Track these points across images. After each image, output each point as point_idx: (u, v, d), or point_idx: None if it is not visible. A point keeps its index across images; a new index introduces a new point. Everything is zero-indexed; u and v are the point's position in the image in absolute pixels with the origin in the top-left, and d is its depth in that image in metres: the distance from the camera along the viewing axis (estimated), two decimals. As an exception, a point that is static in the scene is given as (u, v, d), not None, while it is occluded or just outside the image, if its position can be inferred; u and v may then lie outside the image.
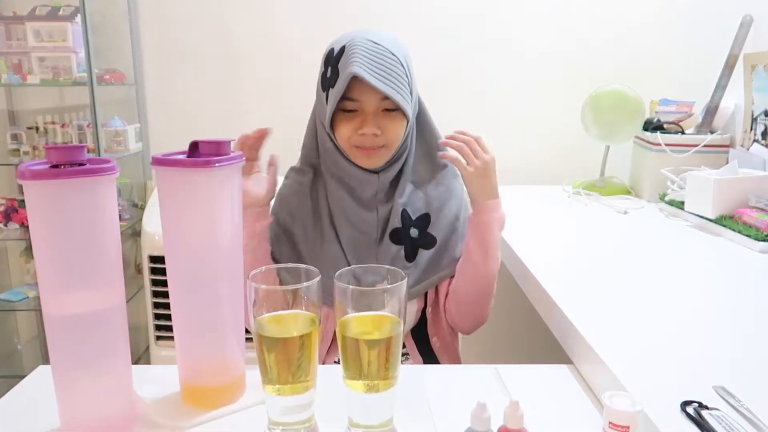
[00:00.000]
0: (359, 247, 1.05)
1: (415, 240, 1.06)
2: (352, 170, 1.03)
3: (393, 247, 1.05)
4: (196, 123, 2.08)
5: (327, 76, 0.98)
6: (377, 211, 1.05)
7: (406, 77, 0.98)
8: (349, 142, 0.99)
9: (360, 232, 1.05)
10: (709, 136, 1.73)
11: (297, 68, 2.04)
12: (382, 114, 0.98)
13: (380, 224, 1.05)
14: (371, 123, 0.97)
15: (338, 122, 0.99)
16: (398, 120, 0.99)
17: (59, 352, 0.68)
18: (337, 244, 1.05)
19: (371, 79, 0.92)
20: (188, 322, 0.79)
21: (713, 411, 0.65)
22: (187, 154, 0.75)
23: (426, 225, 1.06)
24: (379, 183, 1.04)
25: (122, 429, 0.73)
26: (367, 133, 0.97)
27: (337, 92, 0.95)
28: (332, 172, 1.05)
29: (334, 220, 1.06)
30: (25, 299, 2.00)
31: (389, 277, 0.68)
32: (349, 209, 1.04)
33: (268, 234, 1.04)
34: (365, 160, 1.01)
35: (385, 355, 0.66)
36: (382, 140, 0.99)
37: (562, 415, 0.78)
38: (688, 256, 1.31)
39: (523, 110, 2.10)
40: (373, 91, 0.94)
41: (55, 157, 0.63)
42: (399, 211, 1.04)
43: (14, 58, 1.90)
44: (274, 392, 0.69)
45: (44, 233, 0.65)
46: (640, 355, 0.82)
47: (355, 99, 0.97)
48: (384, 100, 0.96)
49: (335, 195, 1.05)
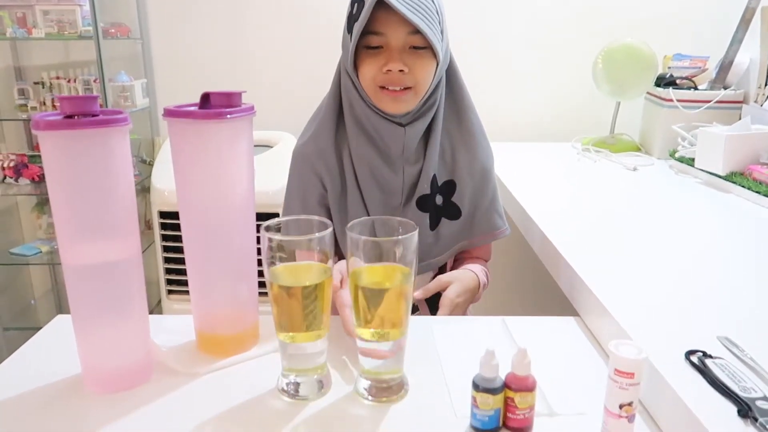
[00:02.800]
0: (385, 210, 1.01)
1: (439, 208, 1.02)
2: (377, 121, 0.96)
3: (418, 214, 1.00)
4: (204, 77, 2.06)
5: (352, 12, 0.92)
6: (403, 172, 1.00)
7: (437, 15, 0.91)
8: (373, 82, 0.93)
9: (385, 193, 1.00)
10: (722, 91, 1.71)
11: (308, 22, 2.01)
12: (410, 51, 0.92)
13: (406, 187, 1.00)
14: (397, 59, 0.90)
15: (362, 61, 0.93)
16: (427, 60, 0.93)
17: (78, 301, 0.70)
18: (363, 206, 1.01)
19: (398, 5, 0.85)
20: (202, 273, 0.80)
21: (717, 360, 0.67)
22: (199, 105, 0.75)
23: (451, 193, 1.02)
24: (405, 138, 0.97)
25: (141, 375, 0.75)
26: (393, 69, 0.90)
27: (361, 22, 0.88)
28: (357, 125, 0.98)
29: (359, 180, 1.00)
30: (38, 253, 2.03)
31: (400, 228, 0.69)
32: (375, 169, 0.99)
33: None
34: (391, 104, 0.94)
35: (395, 304, 0.68)
36: (410, 79, 0.92)
37: (568, 364, 0.79)
38: (696, 212, 1.31)
39: (533, 65, 2.07)
40: (400, 22, 0.88)
41: (68, 107, 0.64)
42: (430, 176, 0.99)
43: (18, 12, 1.88)
44: (288, 339, 0.70)
45: (60, 183, 0.66)
46: (646, 306, 0.83)
47: (380, 32, 0.90)
48: (412, 35, 0.90)
49: (359, 152, 0.99)
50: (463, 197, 1.03)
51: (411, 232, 0.67)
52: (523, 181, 1.53)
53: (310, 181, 1.02)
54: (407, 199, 1.01)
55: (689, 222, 1.23)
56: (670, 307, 0.83)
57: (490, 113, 2.10)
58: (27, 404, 0.71)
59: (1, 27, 1.85)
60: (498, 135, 2.09)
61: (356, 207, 1.01)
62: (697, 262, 1.01)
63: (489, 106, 2.10)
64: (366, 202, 1.01)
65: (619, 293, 0.87)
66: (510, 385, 0.63)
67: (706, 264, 1.00)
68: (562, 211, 1.30)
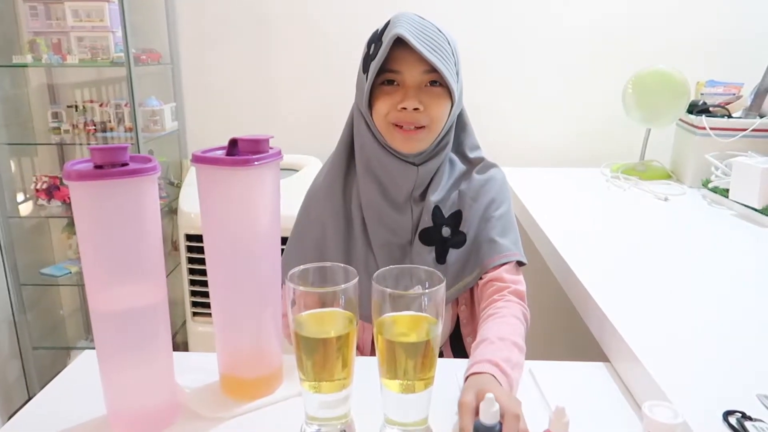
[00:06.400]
0: (392, 252, 1.00)
1: (446, 240, 0.99)
2: (389, 161, 0.96)
3: (424, 249, 0.98)
4: (232, 102, 2.08)
5: (369, 53, 0.92)
6: (411, 212, 0.99)
7: (452, 56, 0.92)
8: (386, 119, 0.92)
9: (393, 234, 0.99)
10: (758, 120, 1.66)
11: (334, 48, 2.03)
12: (425, 90, 0.92)
13: (414, 225, 0.99)
14: (413, 96, 0.90)
15: (376, 98, 0.93)
16: (443, 99, 0.92)
17: (105, 345, 0.70)
18: (368, 248, 1.00)
19: (416, 43, 0.85)
20: (227, 315, 0.80)
21: (757, 422, 0.64)
22: (226, 150, 0.75)
23: (458, 223, 1.00)
24: (417, 177, 0.96)
25: (166, 418, 0.75)
26: (408, 107, 0.90)
27: (379, 59, 0.88)
28: (366, 166, 0.98)
29: (366, 222, 1.00)
30: (68, 274, 2.06)
31: (427, 280, 0.68)
32: (382, 211, 0.98)
33: None
34: (404, 143, 0.93)
35: (422, 357, 0.66)
36: (425, 118, 0.91)
37: (599, 417, 0.77)
38: (732, 248, 1.27)
39: (561, 89, 2.05)
40: (416, 61, 0.89)
41: (99, 158, 0.64)
42: (431, 209, 0.98)
43: (54, 38, 1.93)
44: (311, 389, 0.70)
45: (89, 231, 0.66)
46: (680, 355, 0.80)
47: (396, 71, 0.91)
48: (428, 74, 0.90)
49: (367, 195, 0.99)
50: (471, 223, 1.00)
51: (438, 285, 0.66)
52: (549, 208, 1.51)
53: (311, 224, 1.03)
54: (413, 235, 1.00)
55: (725, 259, 1.19)
56: (706, 356, 0.80)
57: (517, 137, 2.10)
58: (53, 448, 0.71)
59: (37, 53, 1.90)
60: (525, 160, 2.08)
61: (361, 247, 1.00)
62: (735, 305, 0.97)
63: (516, 129, 2.09)
64: (372, 242, 1.00)
65: (651, 339, 0.84)
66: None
67: (745, 309, 0.96)
68: (592, 245, 1.27)
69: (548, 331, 1.93)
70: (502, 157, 1.31)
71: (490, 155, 1.06)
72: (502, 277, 0.97)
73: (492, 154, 1.07)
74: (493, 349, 0.81)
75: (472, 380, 0.76)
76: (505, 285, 0.96)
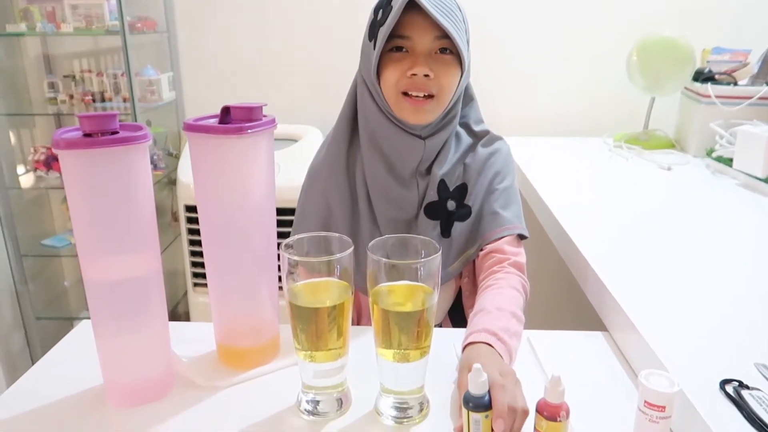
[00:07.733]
0: (397, 227, 0.98)
1: (451, 213, 0.98)
2: (395, 134, 0.93)
3: (429, 223, 0.97)
4: (230, 70, 2.05)
5: (377, 19, 0.89)
6: (417, 187, 0.97)
7: (463, 23, 0.89)
8: (396, 87, 0.89)
9: (398, 210, 0.97)
10: (764, 87, 1.63)
11: (334, 14, 1.99)
12: (435, 57, 0.89)
13: (419, 200, 0.97)
14: (423, 63, 0.87)
15: (385, 66, 0.90)
16: (453, 67, 0.90)
17: (99, 316, 0.70)
18: (374, 224, 0.98)
19: (430, 7, 0.82)
20: (222, 286, 0.80)
21: (754, 391, 0.64)
22: (219, 119, 0.74)
23: (463, 196, 0.98)
24: (425, 151, 0.94)
25: (162, 388, 0.75)
26: (418, 73, 0.87)
27: (389, 24, 0.85)
28: (371, 140, 0.96)
29: (371, 198, 0.98)
30: (69, 245, 2.06)
31: (423, 249, 0.67)
32: (387, 187, 0.96)
33: None
34: (412, 114, 0.91)
35: (417, 327, 0.66)
36: (434, 86, 0.89)
37: (596, 386, 0.77)
38: (734, 218, 1.26)
39: (563, 56, 2.00)
40: (427, 26, 0.86)
41: (87, 125, 0.63)
42: (436, 183, 0.96)
43: (48, 6, 1.89)
44: (307, 358, 0.70)
45: (80, 201, 0.65)
46: (678, 325, 0.80)
47: (406, 36, 0.88)
48: (438, 40, 0.88)
49: (372, 170, 0.96)
50: (476, 196, 0.99)
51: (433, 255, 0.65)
52: (550, 178, 1.50)
53: (314, 200, 1.00)
54: (419, 209, 0.98)
55: (728, 229, 1.18)
56: (704, 325, 0.80)
57: (519, 106, 2.07)
58: (48, 417, 0.72)
59: (31, 22, 1.86)
60: (527, 129, 2.05)
61: (367, 223, 0.98)
62: (736, 275, 0.96)
63: (518, 98, 2.06)
64: (378, 218, 0.98)
65: (650, 309, 0.84)
66: (542, 411, 0.62)
67: (746, 278, 0.96)
68: (592, 213, 1.26)
69: (548, 302, 1.93)
70: (502, 126, 1.29)
71: (489, 124, 1.04)
72: (502, 248, 0.96)
73: (492, 123, 1.05)
74: (490, 318, 0.81)
75: (468, 353, 0.76)
76: (505, 257, 0.95)
